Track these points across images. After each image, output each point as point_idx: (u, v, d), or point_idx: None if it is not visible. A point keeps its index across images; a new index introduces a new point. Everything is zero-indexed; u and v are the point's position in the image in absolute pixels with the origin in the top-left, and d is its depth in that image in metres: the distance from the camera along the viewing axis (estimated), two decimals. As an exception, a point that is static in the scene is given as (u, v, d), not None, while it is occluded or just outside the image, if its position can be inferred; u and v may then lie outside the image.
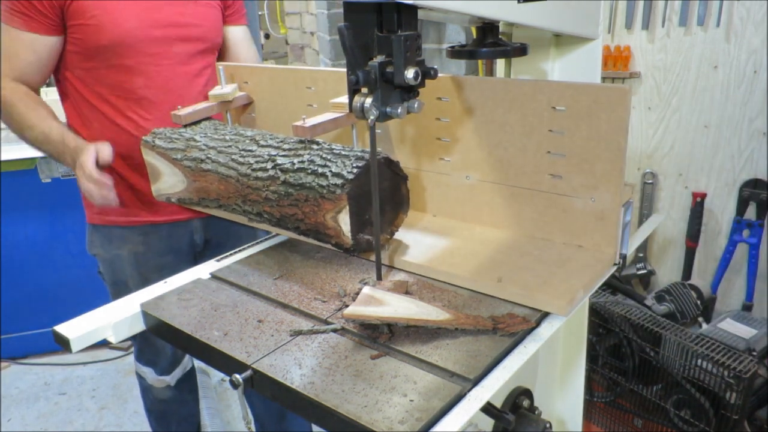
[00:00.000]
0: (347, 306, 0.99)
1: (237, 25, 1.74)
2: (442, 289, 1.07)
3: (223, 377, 2.81)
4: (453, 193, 1.29)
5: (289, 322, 1.01)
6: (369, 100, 0.92)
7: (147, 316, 1.09)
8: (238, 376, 0.89)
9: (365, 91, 0.92)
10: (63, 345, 1.03)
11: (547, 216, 1.17)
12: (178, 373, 1.90)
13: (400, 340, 0.92)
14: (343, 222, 1.09)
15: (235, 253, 1.30)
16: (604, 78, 2.58)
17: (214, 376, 2.87)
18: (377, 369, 0.87)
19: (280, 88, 1.51)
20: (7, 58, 1.45)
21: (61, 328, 1.04)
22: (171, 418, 2.01)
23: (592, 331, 2.25)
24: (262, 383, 0.89)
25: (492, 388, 0.83)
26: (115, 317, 1.08)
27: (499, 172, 1.21)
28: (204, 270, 1.23)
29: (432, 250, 1.16)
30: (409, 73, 0.90)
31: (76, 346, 1.03)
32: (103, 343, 1.18)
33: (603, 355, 2.30)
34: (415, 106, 0.98)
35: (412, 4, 0.86)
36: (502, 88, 1.15)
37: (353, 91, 0.93)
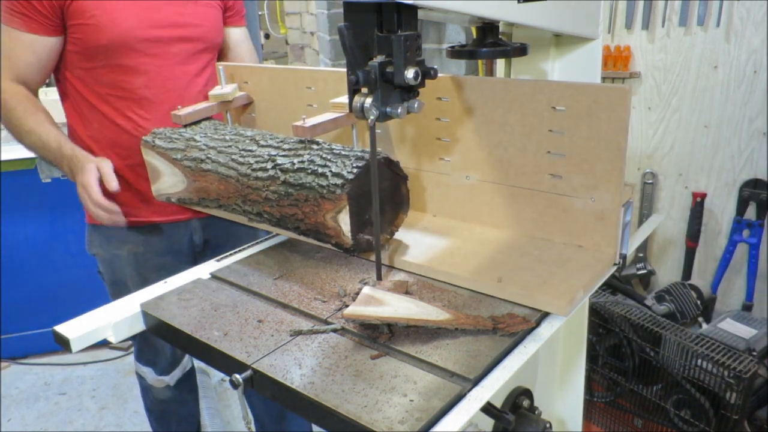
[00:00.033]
0: (347, 306, 0.99)
1: (237, 27, 1.75)
2: (442, 289, 1.07)
3: (223, 377, 2.81)
4: (453, 193, 1.29)
5: (289, 322, 1.01)
6: (369, 100, 0.92)
7: (147, 316, 1.09)
8: (238, 376, 0.89)
9: (365, 91, 0.92)
10: (63, 345, 1.03)
11: (547, 216, 1.17)
12: (177, 374, 1.90)
13: (400, 340, 0.92)
14: (343, 222, 1.09)
15: (235, 253, 1.30)
16: (604, 78, 2.58)
17: (214, 376, 2.87)
18: (377, 369, 0.87)
19: (280, 88, 1.51)
20: (6, 58, 1.45)
21: (61, 328, 1.04)
22: (171, 418, 2.01)
23: (592, 331, 2.25)
24: (262, 383, 0.89)
25: (492, 388, 0.83)
26: (115, 317, 1.08)
27: (499, 172, 1.21)
28: (204, 270, 1.23)
29: (432, 250, 1.16)
30: (409, 73, 0.90)
31: (76, 346, 1.03)
32: (103, 343, 1.18)
33: (603, 355, 2.30)
34: (415, 106, 0.98)
35: (412, 4, 0.86)
36: (502, 88, 1.15)
37: (353, 91, 0.93)
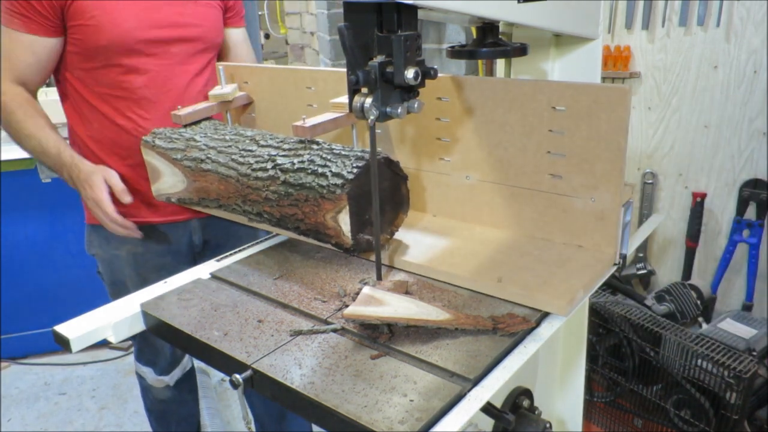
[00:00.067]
0: (347, 306, 0.99)
1: (236, 27, 1.75)
2: (442, 289, 1.07)
3: (223, 377, 2.81)
4: (453, 193, 1.29)
5: (289, 322, 1.01)
6: (369, 100, 0.92)
7: (147, 316, 1.09)
8: (238, 376, 0.89)
9: (365, 91, 0.92)
10: (63, 345, 1.03)
11: (547, 216, 1.17)
12: (177, 374, 1.90)
13: (400, 340, 0.92)
14: (343, 222, 1.09)
15: (235, 253, 1.30)
16: (604, 78, 2.58)
17: (214, 376, 2.87)
18: (377, 369, 0.87)
19: (280, 88, 1.51)
20: (6, 59, 1.45)
21: (61, 328, 1.04)
22: (171, 418, 2.01)
23: (592, 331, 2.25)
24: (262, 383, 0.89)
25: (492, 388, 0.83)
26: (115, 317, 1.08)
27: (499, 172, 1.21)
28: (204, 270, 1.23)
29: (432, 250, 1.16)
30: (409, 73, 0.90)
31: (76, 346, 1.03)
32: (103, 343, 1.18)
33: (603, 355, 2.30)
34: (415, 106, 0.98)
35: (412, 4, 0.86)
36: (502, 88, 1.15)
37: (353, 91, 0.93)
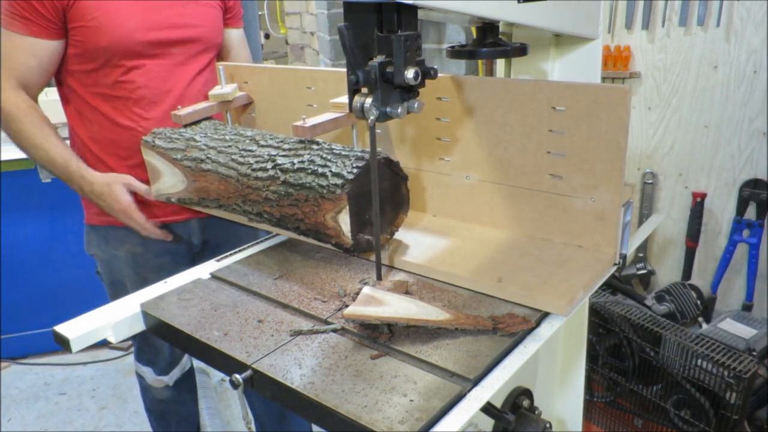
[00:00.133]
0: (347, 306, 0.99)
1: (236, 28, 1.75)
2: (442, 289, 1.07)
3: (223, 377, 2.81)
4: (453, 193, 1.29)
5: (289, 322, 1.01)
6: (369, 100, 0.92)
7: (147, 316, 1.09)
8: (238, 376, 0.89)
9: (365, 91, 0.92)
10: (63, 345, 1.03)
11: (547, 216, 1.17)
12: (176, 374, 1.90)
13: (400, 340, 0.92)
14: (343, 222, 1.09)
15: (235, 253, 1.30)
16: (604, 78, 2.58)
17: (214, 376, 2.87)
18: (377, 369, 0.87)
19: (280, 88, 1.51)
20: (7, 63, 1.45)
21: (61, 328, 1.04)
22: (171, 417, 2.01)
23: (592, 331, 2.25)
24: (262, 383, 0.89)
25: (492, 388, 0.83)
26: (115, 317, 1.08)
27: (499, 172, 1.21)
28: (204, 270, 1.23)
29: (432, 250, 1.16)
30: (409, 73, 0.90)
31: (76, 346, 1.03)
32: (103, 343, 1.18)
33: (603, 355, 2.30)
34: (415, 106, 0.98)
35: (412, 4, 0.86)
36: (502, 88, 1.15)
37: (353, 91, 0.93)
